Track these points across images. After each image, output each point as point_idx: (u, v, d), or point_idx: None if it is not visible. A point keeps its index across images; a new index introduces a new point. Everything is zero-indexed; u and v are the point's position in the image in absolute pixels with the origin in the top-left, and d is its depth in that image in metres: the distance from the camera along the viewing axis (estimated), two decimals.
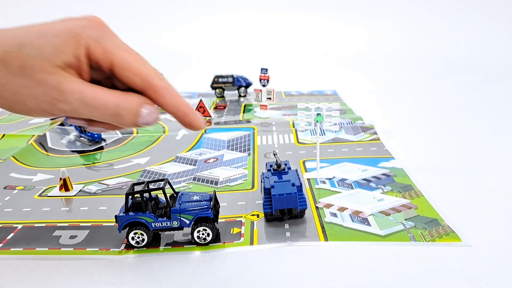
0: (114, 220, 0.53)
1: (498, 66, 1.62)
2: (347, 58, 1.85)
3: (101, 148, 0.93)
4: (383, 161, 0.78)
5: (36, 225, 0.61)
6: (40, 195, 0.70)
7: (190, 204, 0.54)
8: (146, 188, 0.53)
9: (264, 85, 1.11)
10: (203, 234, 0.53)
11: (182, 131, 0.99)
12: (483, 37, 1.87)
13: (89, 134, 0.95)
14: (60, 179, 0.71)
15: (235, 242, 0.54)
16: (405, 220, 0.58)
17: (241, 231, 0.57)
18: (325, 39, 2.02)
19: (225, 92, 1.36)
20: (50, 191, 0.72)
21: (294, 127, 1.00)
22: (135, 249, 0.53)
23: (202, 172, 0.77)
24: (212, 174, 0.76)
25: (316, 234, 0.55)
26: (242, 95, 1.36)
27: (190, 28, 2.09)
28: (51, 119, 1.08)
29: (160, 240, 0.55)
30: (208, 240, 0.54)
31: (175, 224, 0.53)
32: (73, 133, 1.00)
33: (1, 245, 0.56)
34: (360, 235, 0.55)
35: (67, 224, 0.61)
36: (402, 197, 0.65)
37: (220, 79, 1.34)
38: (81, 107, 0.36)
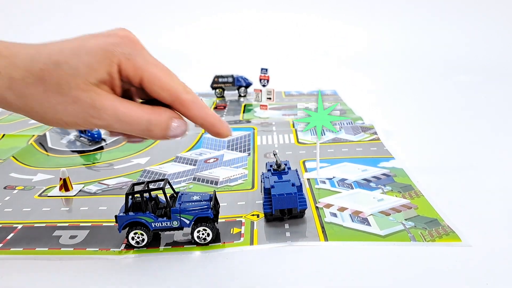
0: (114, 220, 0.53)
1: (498, 66, 1.62)
2: (347, 58, 1.85)
3: (101, 148, 0.93)
4: (383, 161, 0.78)
5: (36, 225, 0.61)
6: (40, 195, 0.70)
7: (190, 204, 0.54)
8: (146, 188, 0.53)
9: (264, 85, 1.11)
10: (203, 234, 0.53)
11: None
12: (483, 37, 1.87)
13: (89, 134, 0.95)
14: (60, 179, 0.71)
15: (235, 242, 0.54)
16: (405, 220, 0.58)
17: (241, 231, 0.57)
18: (325, 39, 2.01)
19: (225, 92, 1.36)
20: (50, 191, 0.72)
21: (294, 127, 1.00)
22: (135, 249, 0.53)
23: (202, 172, 0.77)
24: (212, 174, 0.76)
25: (316, 234, 0.55)
26: (242, 95, 1.36)
27: (190, 28, 2.09)
28: None
29: (160, 240, 0.55)
30: (208, 240, 0.54)
31: (175, 224, 0.53)
32: (73, 133, 1.00)
33: (1, 245, 0.56)
34: (360, 235, 0.55)
35: (67, 224, 0.61)
36: (402, 197, 0.65)
37: (220, 79, 1.34)
38: (115, 123, 0.37)
